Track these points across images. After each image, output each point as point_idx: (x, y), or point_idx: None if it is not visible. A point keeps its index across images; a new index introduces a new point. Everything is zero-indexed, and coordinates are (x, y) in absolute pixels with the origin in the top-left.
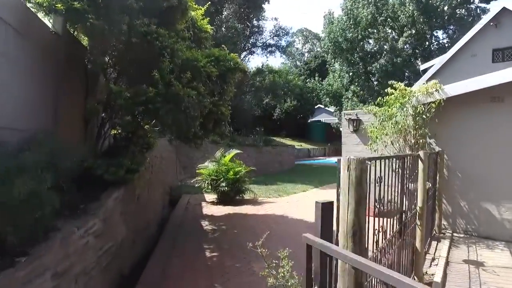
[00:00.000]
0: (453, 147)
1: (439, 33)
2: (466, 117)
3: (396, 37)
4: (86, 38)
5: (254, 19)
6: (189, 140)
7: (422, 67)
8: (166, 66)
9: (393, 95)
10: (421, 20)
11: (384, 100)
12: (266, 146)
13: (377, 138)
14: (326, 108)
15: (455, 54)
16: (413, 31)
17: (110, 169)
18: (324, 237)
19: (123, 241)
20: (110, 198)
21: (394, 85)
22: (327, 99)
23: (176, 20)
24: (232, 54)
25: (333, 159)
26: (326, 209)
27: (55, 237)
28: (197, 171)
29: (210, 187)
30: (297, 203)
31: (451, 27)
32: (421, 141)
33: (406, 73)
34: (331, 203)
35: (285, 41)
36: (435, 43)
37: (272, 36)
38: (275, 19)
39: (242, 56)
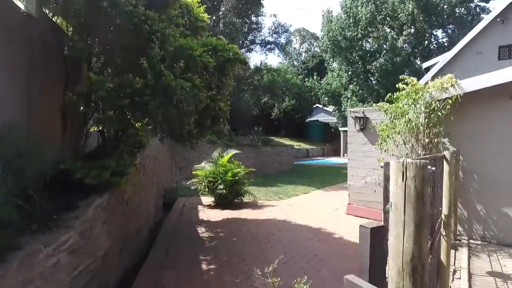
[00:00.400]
0: (468, 147)
1: (439, 32)
2: (482, 116)
3: (395, 36)
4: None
5: (253, 15)
6: (183, 139)
7: (425, 65)
8: (155, 53)
9: (404, 91)
10: (421, 18)
11: (395, 96)
12: (265, 146)
13: (387, 137)
14: (325, 107)
15: (459, 51)
16: (412, 30)
17: (92, 171)
18: (373, 279)
19: (106, 254)
20: (90, 206)
21: (406, 80)
22: (326, 98)
23: (168, 3)
24: (231, 44)
25: (333, 159)
26: (376, 235)
27: (14, 258)
28: (193, 172)
29: (207, 189)
30: (300, 206)
31: (451, 26)
32: (435, 140)
33: (406, 72)
34: (383, 228)
35: (284, 38)
36: (434, 42)
37: (271, 33)
38: (274, 15)
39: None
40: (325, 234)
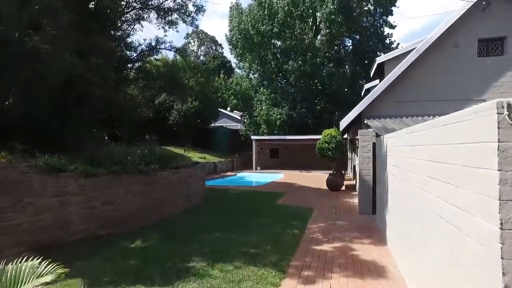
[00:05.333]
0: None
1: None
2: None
3: (311, 35)
4: None
5: None
6: None
7: (379, 60)
8: None
9: None
10: (339, 20)
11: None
12: (162, 171)
13: None
14: (229, 113)
15: (435, 41)
16: (328, 30)
17: None
18: None
19: None
20: None
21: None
22: (235, 101)
23: None
24: None
25: (246, 174)
26: None
27: None
28: None
29: None
30: None
31: (357, 36)
32: None
33: (323, 74)
34: None
35: (193, 5)
36: (342, 50)
37: None
38: None
39: (126, 17)
40: None
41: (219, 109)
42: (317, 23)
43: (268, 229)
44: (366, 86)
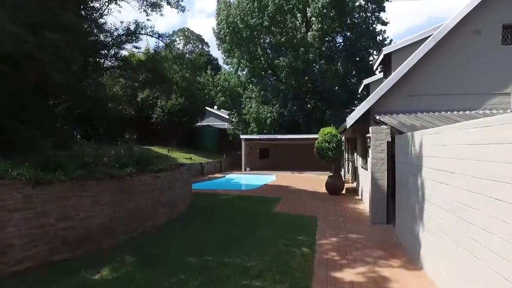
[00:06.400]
0: None
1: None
2: None
3: (303, 30)
4: None
5: None
6: None
7: (386, 50)
8: None
9: None
10: (331, 15)
11: None
12: (140, 175)
13: None
14: (215, 111)
15: (454, 28)
16: (319, 25)
17: None
18: None
19: None
20: None
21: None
22: (222, 98)
23: None
24: None
25: (235, 176)
26: None
27: None
28: None
29: None
30: None
31: (348, 33)
32: None
33: (315, 69)
34: None
35: None
36: (333, 46)
37: None
38: None
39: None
40: None
41: (208, 107)
42: (309, 18)
43: (269, 247)
44: (365, 81)
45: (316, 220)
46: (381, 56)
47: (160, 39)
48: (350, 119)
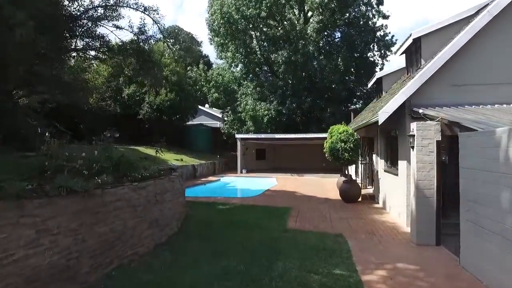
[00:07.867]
0: None
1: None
2: None
3: (301, 22)
4: None
5: None
6: None
7: (415, 34)
8: None
9: None
10: (332, 6)
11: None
12: (118, 186)
13: None
14: (207, 109)
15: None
16: (320, 17)
17: None
18: None
19: None
20: None
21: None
22: (216, 94)
23: None
24: None
25: (232, 179)
26: None
27: None
28: None
29: None
30: None
31: (345, 28)
32: None
33: (315, 65)
34: None
35: None
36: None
37: None
38: None
39: None
40: None
41: (199, 106)
42: (306, 11)
43: None
44: (378, 74)
45: (345, 240)
46: (409, 41)
47: (147, 13)
48: (383, 113)
